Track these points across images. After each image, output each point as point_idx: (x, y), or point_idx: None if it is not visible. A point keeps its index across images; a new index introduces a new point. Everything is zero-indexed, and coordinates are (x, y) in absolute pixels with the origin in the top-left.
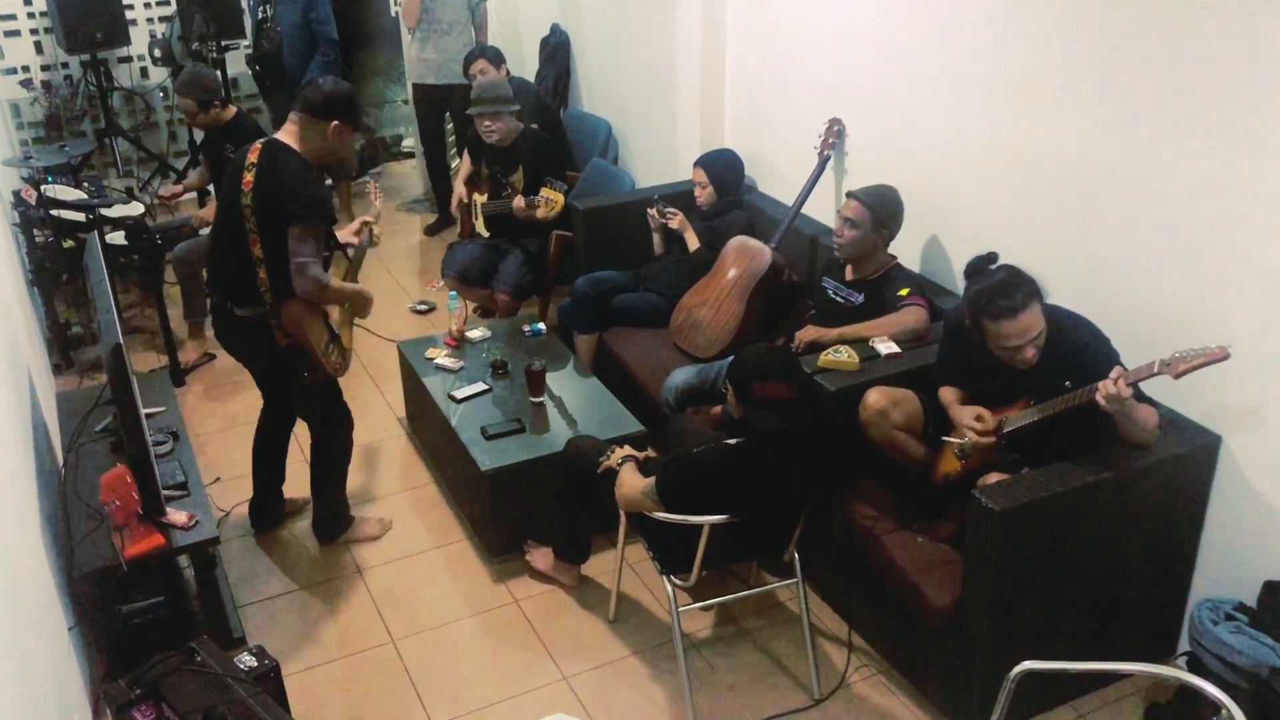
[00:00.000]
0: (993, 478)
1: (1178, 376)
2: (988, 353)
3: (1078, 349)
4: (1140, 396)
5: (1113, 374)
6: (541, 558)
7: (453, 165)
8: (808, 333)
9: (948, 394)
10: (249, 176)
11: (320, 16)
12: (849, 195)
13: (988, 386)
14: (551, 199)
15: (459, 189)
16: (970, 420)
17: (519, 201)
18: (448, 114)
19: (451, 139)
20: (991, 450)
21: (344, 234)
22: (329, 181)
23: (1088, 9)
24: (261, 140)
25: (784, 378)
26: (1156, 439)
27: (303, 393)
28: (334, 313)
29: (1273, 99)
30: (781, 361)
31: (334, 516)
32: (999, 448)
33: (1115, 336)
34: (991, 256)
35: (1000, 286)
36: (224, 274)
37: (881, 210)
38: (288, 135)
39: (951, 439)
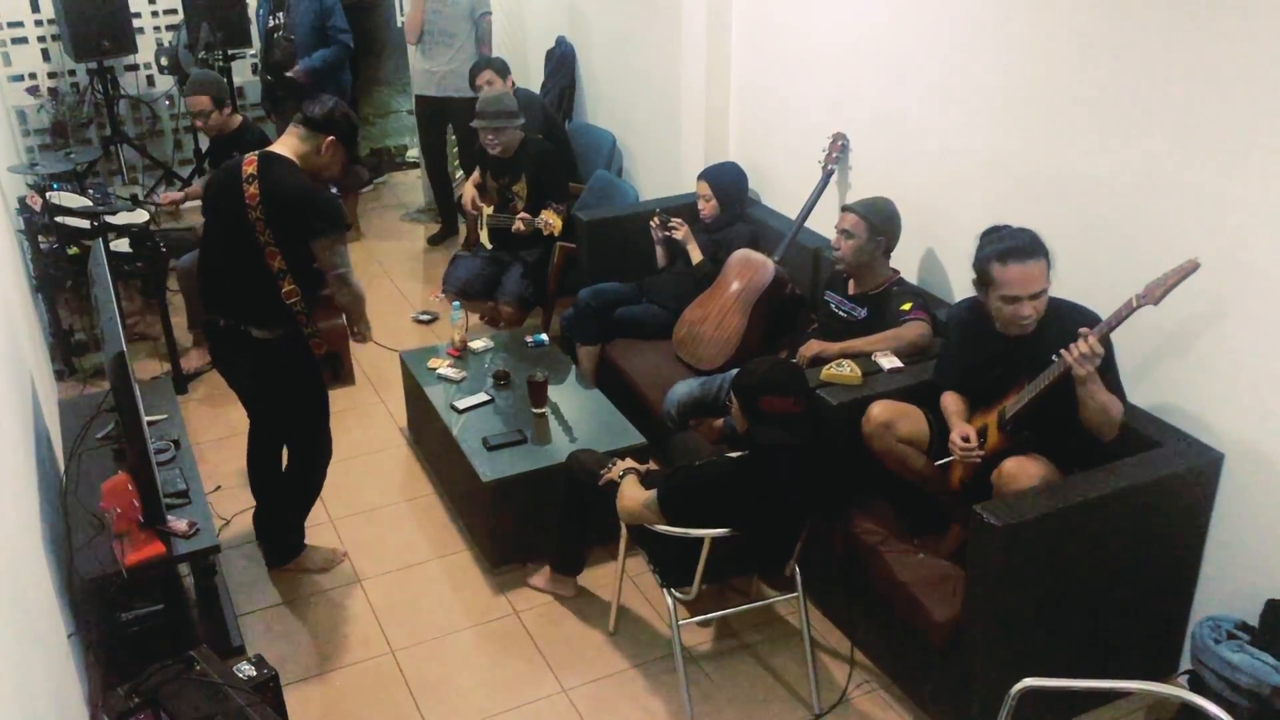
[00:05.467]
0: (1009, 463)
1: (1158, 302)
2: (988, 347)
3: (1067, 320)
4: (1114, 387)
5: (1080, 331)
6: (539, 577)
7: (455, 177)
8: (810, 347)
9: (949, 402)
10: (252, 189)
11: (337, 25)
12: (843, 208)
13: (987, 378)
14: (551, 222)
15: (468, 192)
16: (956, 439)
17: (518, 224)
18: (449, 126)
19: (454, 150)
20: (1003, 440)
21: None
22: (334, 191)
23: (1091, 26)
24: (256, 153)
25: (793, 393)
26: (1116, 430)
27: (294, 419)
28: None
29: (1276, 116)
30: (790, 376)
31: (288, 543)
32: (1009, 432)
33: (1117, 350)
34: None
35: (1017, 233)
36: (235, 296)
37: (876, 218)
38: (284, 146)
39: (948, 459)
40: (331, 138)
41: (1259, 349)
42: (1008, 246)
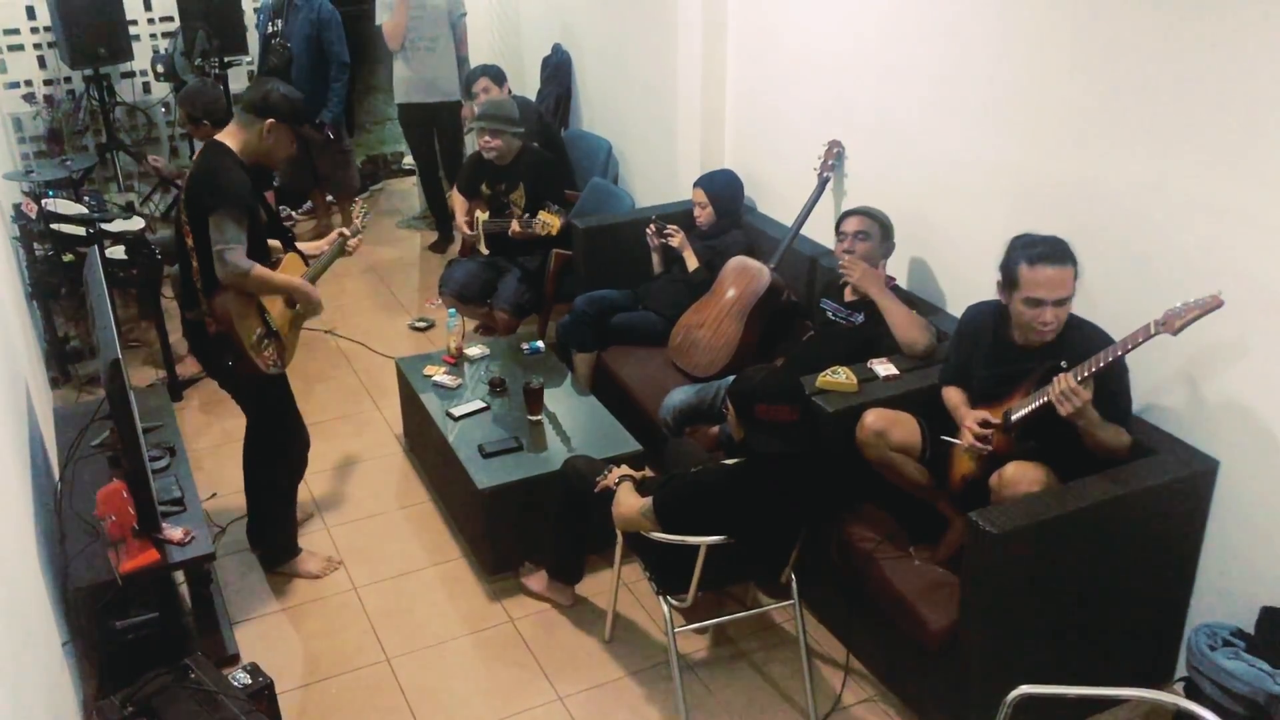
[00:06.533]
0: (1010, 467)
1: (1176, 333)
2: (998, 350)
3: (1083, 338)
4: (1114, 416)
5: (1061, 376)
6: (536, 580)
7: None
8: (858, 266)
9: (954, 395)
10: (189, 172)
11: (333, 38)
12: (845, 214)
13: (989, 373)
14: (549, 222)
15: (460, 226)
16: (973, 424)
17: (515, 226)
18: (435, 132)
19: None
20: (1006, 442)
21: (316, 245)
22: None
23: (1087, 35)
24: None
25: (789, 400)
26: (1125, 455)
27: (249, 402)
28: (275, 309)
29: (1271, 124)
30: (786, 384)
31: (279, 544)
32: (1013, 436)
33: None
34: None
35: (1049, 239)
36: (179, 277)
37: (882, 218)
38: (226, 135)
39: (952, 439)
40: (271, 120)
41: (1255, 356)
42: (1040, 250)
